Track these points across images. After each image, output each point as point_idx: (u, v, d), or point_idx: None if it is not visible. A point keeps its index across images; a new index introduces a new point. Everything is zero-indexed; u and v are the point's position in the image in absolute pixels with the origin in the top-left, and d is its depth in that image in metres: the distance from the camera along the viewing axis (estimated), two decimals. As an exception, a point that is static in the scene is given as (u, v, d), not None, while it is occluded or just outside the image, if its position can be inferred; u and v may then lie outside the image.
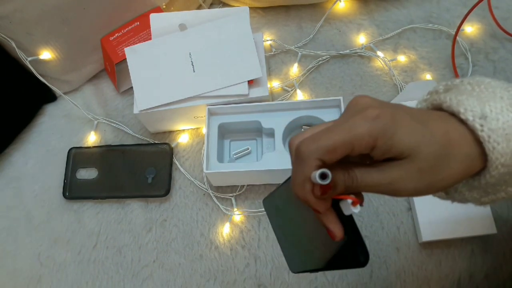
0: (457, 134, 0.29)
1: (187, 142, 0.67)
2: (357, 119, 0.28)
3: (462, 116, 0.29)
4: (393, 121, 0.28)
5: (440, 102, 0.32)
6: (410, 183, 0.29)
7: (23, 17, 0.60)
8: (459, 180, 0.30)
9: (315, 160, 0.28)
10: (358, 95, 0.31)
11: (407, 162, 0.28)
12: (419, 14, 0.72)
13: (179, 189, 0.64)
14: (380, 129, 0.28)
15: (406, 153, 0.28)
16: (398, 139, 0.28)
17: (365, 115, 0.28)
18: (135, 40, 0.67)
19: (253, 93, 0.60)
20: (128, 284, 0.59)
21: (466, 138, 0.29)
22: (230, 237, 0.60)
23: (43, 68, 0.67)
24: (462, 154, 0.29)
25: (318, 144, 0.28)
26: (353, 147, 0.28)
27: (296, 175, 0.30)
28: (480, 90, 0.31)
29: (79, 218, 0.64)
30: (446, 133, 0.29)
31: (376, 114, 0.28)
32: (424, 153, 0.28)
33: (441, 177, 0.29)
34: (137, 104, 0.60)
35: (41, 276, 0.61)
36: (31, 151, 0.69)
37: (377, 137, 0.28)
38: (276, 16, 0.75)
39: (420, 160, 0.28)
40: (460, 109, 0.30)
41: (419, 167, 0.28)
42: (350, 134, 0.28)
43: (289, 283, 0.57)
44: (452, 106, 0.30)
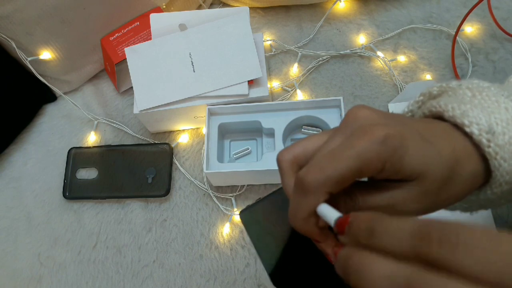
0: (463, 151, 0.27)
1: (187, 142, 0.67)
2: (365, 142, 0.25)
3: (467, 129, 0.27)
4: (402, 142, 0.25)
5: (441, 111, 0.30)
6: (413, 204, 0.27)
7: (23, 17, 0.60)
8: (464, 197, 0.28)
9: (324, 193, 0.25)
10: (356, 106, 0.28)
11: (413, 185, 0.26)
12: (419, 14, 0.72)
13: (179, 189, 0.64)
14: (388, 153, 0.25)
15: (414, 177, 0.26)
16: (407, 162, 0.25)
17: (373, 136, 0.25)
18: (135, 40, 0.67)
19: (253, 93, 0.60)
20: (128, 284, 0.59)
21: (471, 154, 0.27)
22: (230, 237, 0.60)
23: (43, 68, 0.67)
24: (467, 173, 0.27)
25: (326, 175, 0.25)
26: (361, 174, 0.26)
27: (299, 208, 0.27)
28: (482, 98, 0.29)
29: (79, 218, 0.64)
30: (453, 151, 0.27)
31: (385, 135, 0.25)
32: (432, 176, 0.26)
33: (445, 197, 0.27)
34: (137, 104, 0.60)
35: (41, 276, 0.61)
36: (31, 151, 0.69)
37: (386, 160, 0.25)
38: (276, 16, 0.75)
39: (427, 183, 0.26)
40: (465, 121, 0.27)
41: (425, 190, 0.26)
42: (359, 161, 0.25)
43: (289, 283, 0.57)
44: (455, 117, 0.28)
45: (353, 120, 0.28)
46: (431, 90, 0.32)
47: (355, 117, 0.28)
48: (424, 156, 0.26)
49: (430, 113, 0.31)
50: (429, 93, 0.32)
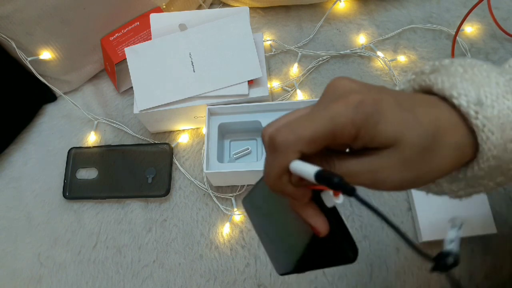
0: (447, 121, 0.27)
1: (187, 142, 0.67)
2: (339, 106, 0.25)
3: (455, 100, 0.27)
4: (376, 108, 0.25)
5: (430, 84, 0.29)
6: (394, 173, 0.26)
7: (23, 17, 0.60)
8: (449, 171, 0.28)
9: (295, 152, 0.26)
10: (336, 78, 0.28)
11: (392, 152, 0.26)
12: (419, 14, 0.72)
13: (179, 189, 0.64)
14: (363, 118, 0.25)
15: (390, 143, 0.26)
16: (381, 128, 0.25)
17: (347, 101, 0.25)
18: (135, 40, 0.67)
19: (253, 93, 0.60)
20: (128, 284, 0.59)
21: (456, 125, 0.27)
22: (230, 237, 0.60)
23: (43, 68, 0.67)
24: (451, 144, 0.27)
25: (296, 135, 0.25)
26: (334, 137, 0.25)
27: (272, 168, 0.27)
28: (473, 73, 0.28)
29: (79, 218, 0.64)
30: (435, 120, 0.26)
31: (359, 101, 0.25)
32: (409, 142, 0.25)
33: (428, 169, 0.27)
34: (137, 104, 0.60)
35: (41, 276, 0.61)
36: (31, 151, 0.69)
37: (360, 126, 0.25)
38: (276, 16, 0.75)
39: (405, 149, 0.26)
40: (453, 92, 0.27)
41: (403, 156, 0.26)
42: (331, 123, 0.25)
43: (289, 283, 0.57)
44: (444, 89, 0.28)
45: (332, 91, 0.28)
46: (423, 69, 0.31)
47: (334, 87, 0.28)
48: (400, 122, 0.26)
49: (419, 87, 0.31)
50: (421, 71, 0.31)
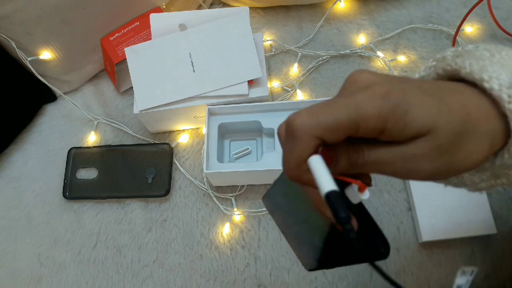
0: (477, 107, 0.25)
1: (187, 142, 0.67)
2: (363, 96, 0.24)
3: (485, 84, 0.25)
4: (404, 97, 0.23)
5: (456, 68, 0.27)
6: (427, 163, 0.24)
7: (23, 17, 0.60)
8: (482, 160, 0.26)
9: (313, 138, 0.24)
10: (356, 71, 0.26)
11: (424, 140, 0.24)
12: (419, 14, 0.72)
13: (179, 189, 0.64)
14: (390, 110, 0.23)
15: (423, 132, 0.24)
16: (412, 117, 0.23)
17: (373, 92, 0.24)
18: (135, 40, 0.67)
19: (253, 93, 0.60)
20: (128, 284, 0.59)
21: (487, 111, 0.25)
22: (230, 237, 0.60)
23: (43, 68, 0.67)
24: (484, 130, 0.25)
25: (316, 120, 0.23)
26: (358, 128, 0.23)
27: (290, 155, 0.25)
28: (501, 56, 0.27)
29: (79, 218, 0.64)
30: (464, 106, 0.25)
31: (385, 91, 0.23)
32: (442, 129, 0.24)
33: (462, 157, 0.25)
34: (137, 104, 0.60)
35: (41, 276, 0.61)
36: (31, 151, 0.69)
37: (387, 118, 0.23)
38: (276, 16, 0.75)
39: (439, 137, 0.24)
40: (484, 76, 0.25)
41: (437, 144, 0.24)
42: (356, 112, 0.23)
43: (289, 283, 0.57)
44: (473, 73, 0.26)
45: (352, 84, 0.26)
46: (445, 55, 0.29)
47: (355, 80, 0.26)
48: (430, 109, 0.24)
49: (444, 72, 0.29)
50: (443, 57, 0.29)
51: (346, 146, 0.25)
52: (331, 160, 0.25)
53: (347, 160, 0.25)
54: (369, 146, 0.25)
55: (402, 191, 0.60)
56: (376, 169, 0.26)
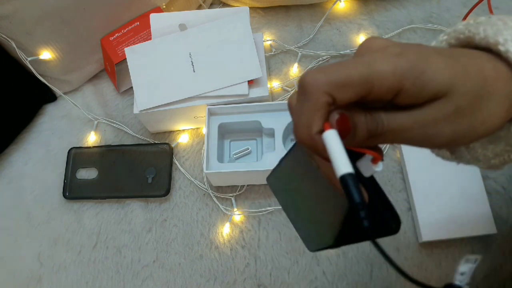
0: (493, 70, 0.24)
1: (187, 142, 0.67)
2: (377, 55, 0.23)
3: (501, 47, 0.25)
4: (421, 57, 0.23)
5: (470, 36, 0.27)
6: (447, 126, 0.24)
7: (23, 17, 0.60)
8: (500, 125, 0.25)
9: (324, 94, 0.23)
10: (368, 38, 0.26)
11: (443, 102, 0.23)
12: (419, 14, 0.72)
13: (179, 189, 0.64)
14: (406, 68, 0.22)
15: (442, 93, 0.23)
16: (429, 77, 0.22)
17: (386, 52, 0.23)
18: (135, 40, 0.67)
19: (253, 93, 0.60)
20: (128, 284, 0.59)
21: (504, 75, 0.25)
22: (230, 237, 0.60)
23: (43, 68, 0.67)
24: (501, 93, 0.24)
25: (328, 75, 0.23)
26: (371, 87, 0.23)
27: (301, 114, 0.24)
28: None
29: (79, 218, 0.64)
30: (481, 69, 0.24)
31: (399, 51, 0.23)
32: (461, 90, 0.23)
33: (481, 120, 0.24)
34: (137, 104, 0.60)
35: (41, 276, 0.61)
36: (31, 151, 0.69)
37: (403, 77, 0.22)
38: (276, 16, 0.75)
39: (458, 98, 0.23)
40: (499, 39, 0.25)
41: (457, 106, 0.23)
42: (369, 69, 0.22)
43: (289, 283, 0.57)
44: (488, 37, 0.25)
45: (365, 49, 0.25)
46: (456, 28, 0.29)
47: (368, 46, 0.25)
48: (448, 69, 0.23)
49: (457, 41, 0.28)
50: (454, 30, 0.29)
51: (363, 114, 0.24)
52: (347, 130, 0.24)
53: (365, 129, 0.24)
54: (388, 112, 0.24)
55: (402, 191, 0.60)
56: (395, 138, 0.24)
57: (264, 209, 0.61)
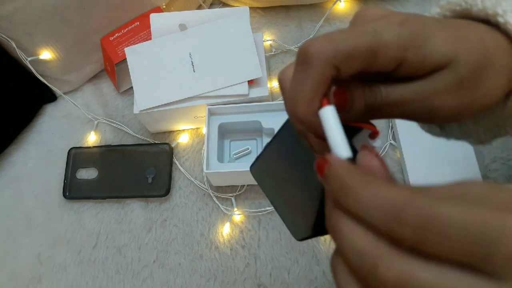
0: (492, 41, 0.24)
1: (187, 142, 0.67)
2: (380, 23, 0.22)
3: (500, 19, 0.24)
4: (422, 24, 0.22)
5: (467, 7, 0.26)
6: (450, 98, 0.23)
7: (23, 17, 0.60)
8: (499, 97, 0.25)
9: (331, 67, 0.21)
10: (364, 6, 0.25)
11: (446, 73, 0.22)
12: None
13: (179, 189, 0.64)
14: (409, 36, 0.21)
15: (444, 63, 0.22)
16: (432, 46, 0.22)
17: (389, 20, 0.22)
18: (135, 40, 0.67)
19: (253, 93, 0.60)
20: (128, 284, 0.59)
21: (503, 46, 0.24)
22: (230, 237, 0.60)
23: (43, 68, 0.67)
24: (502, 64, 0.23)
25: (334, 45, 0.21)
26: (376, 57, 0.21)
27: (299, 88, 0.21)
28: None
29: (79, 218, 0.64)
30: (482, 39, 0.23)
31: (402, 19, 0.22)
32: (464, 60, 0.22)
33: (484, 91, 0.23)
34: (137, 104, 0.60)
35: (41, 276, 0.61)
36: (31, 151, 0.69)
37: (407, 46, 0.21)
38: (276, 16, 0.75)
39: (461, 68, 0.22)
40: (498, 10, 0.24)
41: (460, 76, 0.22)
42: (374, 38, 0.21)
43: (289, 283, 0.57)
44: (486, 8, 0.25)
45: (362, 18, 0.24)
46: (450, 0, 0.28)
47: (364, 15, 0.24)
48: (450, 38, 0.22)
49: (453, 13, 0.28)
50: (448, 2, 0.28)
51: (361, 86, 0.22)
52: (344, 103, 0.22)
53: (363, 102, 0.22)
54: (387, 84, 0.23)
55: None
56: (395, 111, 0.23)
57: (264, 209, 0.61)
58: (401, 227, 0.17)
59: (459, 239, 0.16)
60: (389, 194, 0.17)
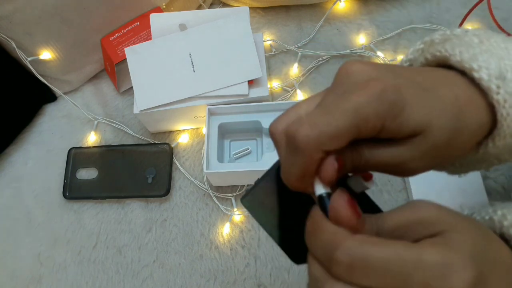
0: (467, 98, 0.25)
1: (187, 142, 0.67)
2: (360, 97, 0.23)
3: (475, 74, 0.25)
4: (399, 95, 0.23)
5: (446, 55, 0.27)
6: (422, 162, 0.25)
7: (23, 17, 0.60)
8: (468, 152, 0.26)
9: (319, 152, 0.23)
10: (348, 62, 0.26)
11: (420, 139, 0.24)
12: (419, 14, 0.72)
13: (179, 189, 0.64)
14: (387, 108, 0.23)
15: (418, 130, 0.24)
16: (409, 116, 0.23)
17: (368, 91, 0.23)
18: (135, 40, 0.67)
19: (253, 93, 0.60)
20: (128, 284, 0.59)
21: (475, 102, 0.25)
22: (230, 237, 0.60)
23: (43, 68, 0.67)
24: (475, 123, 0.25)
25: (318, 130, 0.22)
26: (359, 131, 0.23)
27: (293, 168, 0.24)
28: (490, 44, 0.26)
29: (79, 218, 0.64)
30: (456, 99, 0.24)
31: (381, 89, 0.23)
32: (437, 127, 0.23)
33: (454, 151, 0.25)
34: (137, 104, 0.60)
35: (41, 276, 0.61)
36: (31, 151, 0.69)
37: (385, 117, 0.23)
38: (276, 16, 0.75)
39: (434, 137, 0.24)
40: (474, 65, 0.25)
41: (433, 143, 0.24)
42: (356, 116, 0.22)
43: (289, 283, 0.57)
44: (463, 61, 0.26)
45: (345, 77, 0.25)
46: (433, 38, 0.29)
47: (347, 73, 0.25)
48: (426, 106, 0.23)
49: (433, 58, 0.29)
50: (431, 40, 0.29)
51: (350, 150, 0.25)
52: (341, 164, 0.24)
53: (350, 164, 0.25)
54: (370, 147, 0.25)
55: (402, 191, 0.60)
56: (375, 170, 0.26)
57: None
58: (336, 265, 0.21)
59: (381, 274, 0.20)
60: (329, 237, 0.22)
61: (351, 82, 0.25)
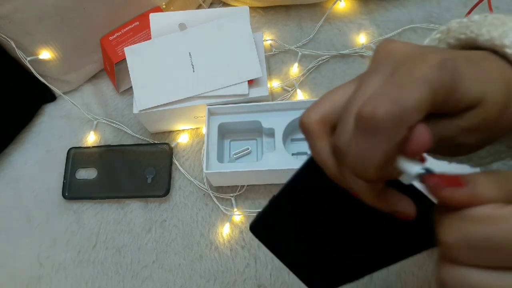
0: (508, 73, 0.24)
1: (187, 142, 0.67)
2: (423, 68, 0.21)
3: (507, 50, 0.24)
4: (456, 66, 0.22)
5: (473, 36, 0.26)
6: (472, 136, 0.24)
7: (23, 17, 0.60)
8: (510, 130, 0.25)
9: (406, 129, 0.20)
10: (384, 42, 0.24)
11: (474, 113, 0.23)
12: (420, 14, 0.72)
13: (179, 189, 0.64)
14: (450, 79, 0.21)
15: (475, 103, 0.23)
16: (466, 88, 0.22)
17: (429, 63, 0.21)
18: (135, 40, 0.67)
19: (253, 93, 0.60)
20: (127, 285, 0.59)
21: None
22: (230, 238, 0.60)
23: (43, 68, 0.67)
24: None
25: (402, 106, 0.20)
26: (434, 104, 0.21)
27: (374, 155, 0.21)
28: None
29: (78, 218, 0.64)
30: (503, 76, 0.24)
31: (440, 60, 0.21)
32: (491, 100, 0.23)
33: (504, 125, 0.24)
34: (137, 104, 0.60)
35: (41, 276, 0.61)
36: (30, 151, 0.69)
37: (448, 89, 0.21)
38: (276, 16, 0.75)
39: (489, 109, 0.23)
40: (505, 41, 0.24)
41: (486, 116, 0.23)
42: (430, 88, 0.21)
43: (289, 283, 0.57)
44: (493, 39, 0.25)
45: (387, 56, 0.24)
46: (449, 26, 0.28)
47: (389, 52, 0.24)
48: (479, 79, 0.22)
49: (457, 42, 0.28)
50: (448, 29, 0.28)
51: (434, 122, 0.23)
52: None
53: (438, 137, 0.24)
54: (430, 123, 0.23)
55: None
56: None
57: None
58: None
59: None
60: None
61: (397, 60, 0.23)
